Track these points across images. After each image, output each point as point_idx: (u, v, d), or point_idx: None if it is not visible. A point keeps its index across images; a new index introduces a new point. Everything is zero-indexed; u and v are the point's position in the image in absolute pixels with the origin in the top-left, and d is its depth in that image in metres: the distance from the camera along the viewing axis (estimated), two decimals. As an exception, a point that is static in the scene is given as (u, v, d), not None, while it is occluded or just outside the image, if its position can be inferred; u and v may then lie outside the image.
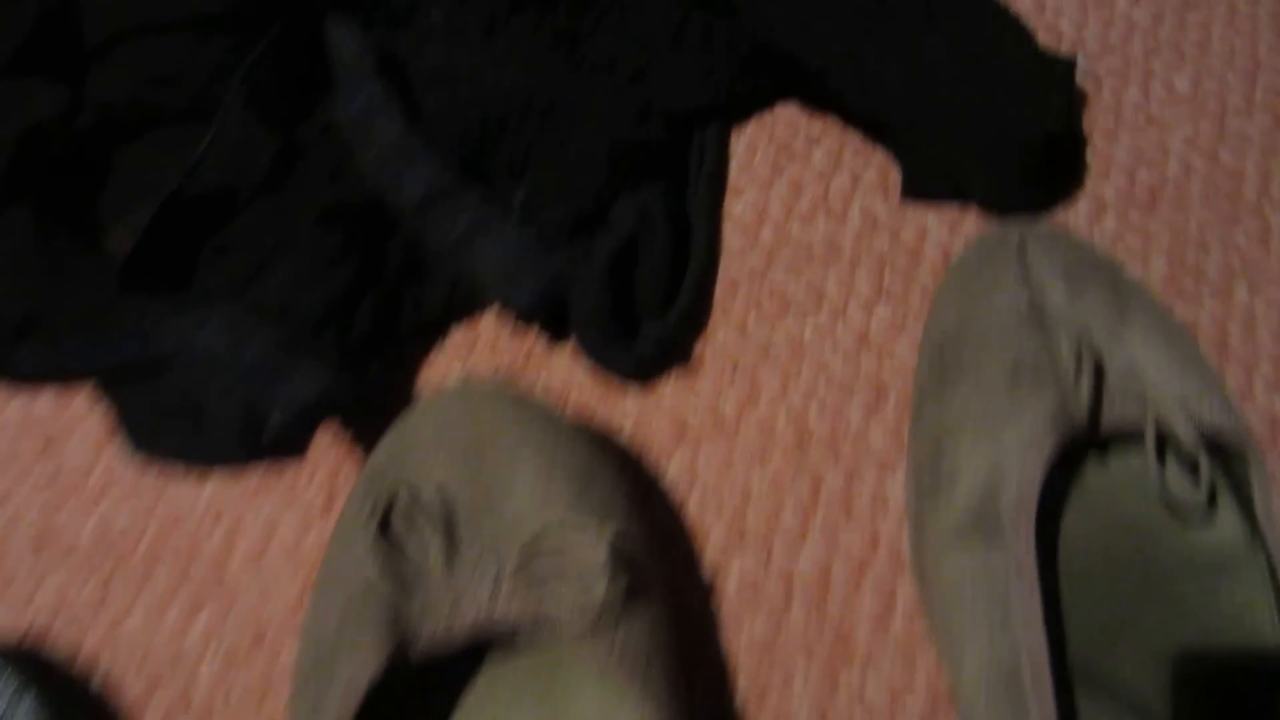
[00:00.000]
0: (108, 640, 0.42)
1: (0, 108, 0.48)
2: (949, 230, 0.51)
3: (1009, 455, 0.38)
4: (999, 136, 0.48)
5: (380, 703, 0.33)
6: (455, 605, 0.35)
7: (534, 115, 0.46)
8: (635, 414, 0.46)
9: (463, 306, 0.47)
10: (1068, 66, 0.51)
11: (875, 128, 0.52)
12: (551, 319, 0.47)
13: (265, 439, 0.42)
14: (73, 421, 0.47)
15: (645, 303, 0.46)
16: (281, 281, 0.43)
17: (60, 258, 0.47)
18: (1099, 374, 0.39)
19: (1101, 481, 0.41)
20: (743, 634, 0.41)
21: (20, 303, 0.45)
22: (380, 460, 0.39)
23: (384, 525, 0.36)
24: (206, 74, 0.48)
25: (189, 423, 0.44)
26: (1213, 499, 0.40)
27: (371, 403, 0.46)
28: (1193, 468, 0.38)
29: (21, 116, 0.47)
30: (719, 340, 0.48)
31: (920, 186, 0.50)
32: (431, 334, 0.48)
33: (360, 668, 0.33)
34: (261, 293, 0.43)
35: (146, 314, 0.42)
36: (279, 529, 0.44)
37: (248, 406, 0.42)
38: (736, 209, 0.51)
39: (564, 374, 0.47)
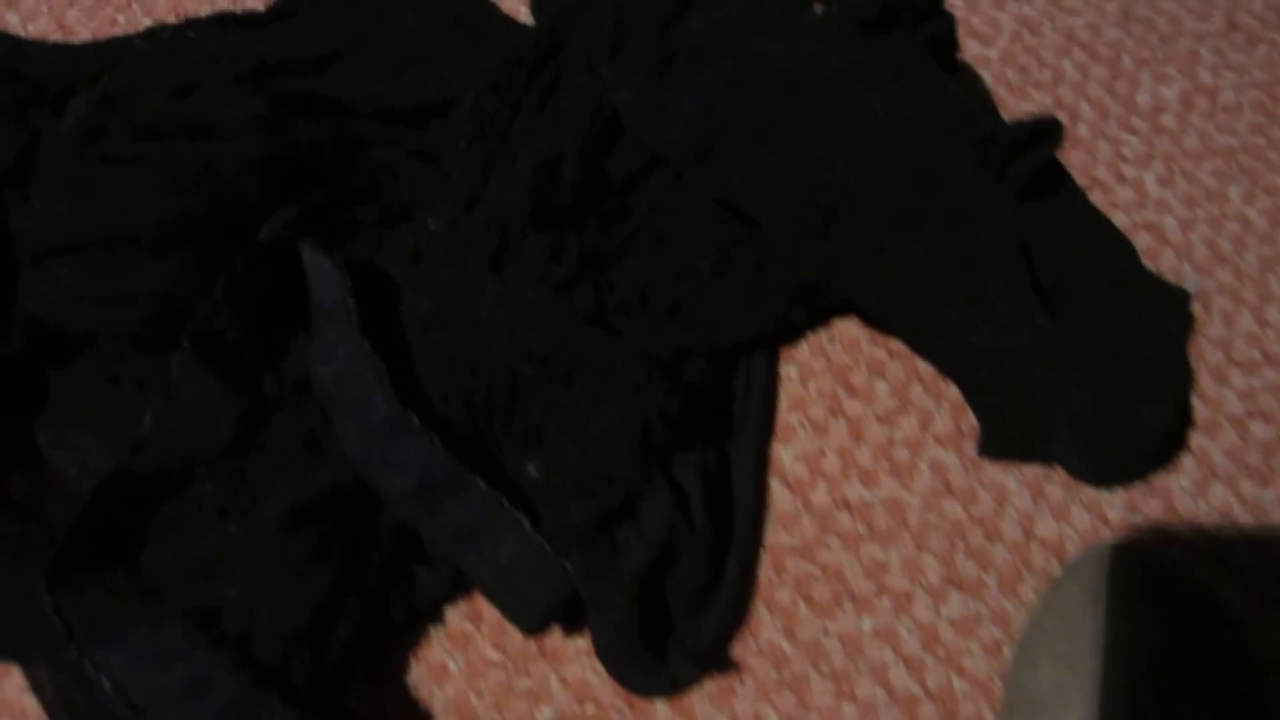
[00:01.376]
0: None
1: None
2: (1031, 498, 0.43)
3: None
4: (1101, 414, 0.40)
5: None
6: None
7: (551, 380, 0.39)
8: (661, 732, 0.39)
9: (464, 589, 0.40)
10: (1181, 308, 0.44)
11: (943, 370, 0.44)
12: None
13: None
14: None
15: (679, 603, 0.39)
16: (244, 596, 0.36)
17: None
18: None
19: None
20: None
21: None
22: None
23: None
24: (160, 294, 0.41)
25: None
26: None
27: (354, 714, 0.39)
28: None
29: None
30: (762, 638, 0.41)
31: (1000, 445, 0.43)
32: (425, 620, 0.40)
33: None
34: (220, 603, 0.36)
35: (75, 640, 0.35)
36: None
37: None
38: (786, 459, 0.44)
39: (579, 671, 0.40)
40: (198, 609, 0.37)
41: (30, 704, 0.40)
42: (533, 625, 0.38)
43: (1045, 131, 0.44)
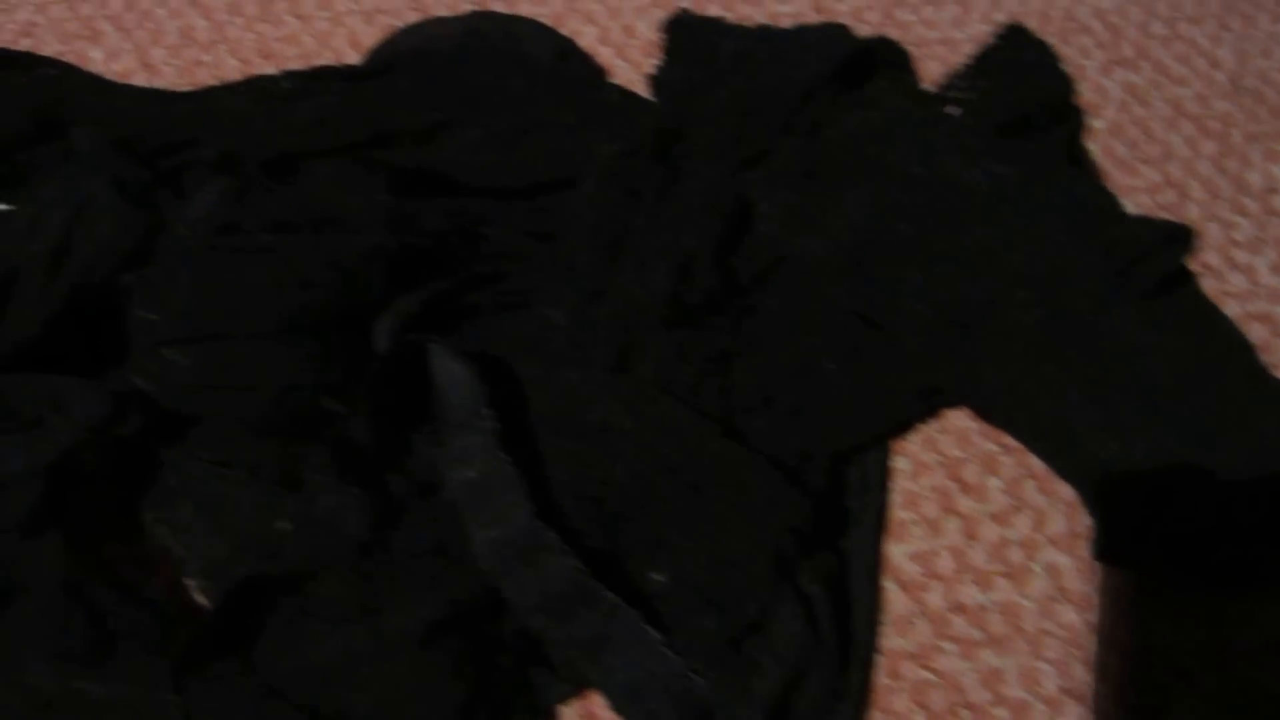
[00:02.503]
0: None
1: (27, 418, 0.39)
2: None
3: None
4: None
5: None
6: None
7: (681, 489, 0.38)
8: (779, 842, 0.39)
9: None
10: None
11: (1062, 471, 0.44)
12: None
13: None
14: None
15: (803, 714, 0.39)
16: (377, 706, 0.36)
17: (98, 614, 0.39)
18: None
19: None
20: None
21: (49, 682, 0.38)
22: None
23: None
24: (281, 385, 0.40)
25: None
26: None
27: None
28: None
29: (55, 438, 0.39)
30: (879, 746, 0.41)
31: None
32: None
33: None
34: (348, 711, 0.36)
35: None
36: None
37: None
38: (899, 558, 0.44)
39: (695, 776, 0.40)
40: (323, 715, 0.37)
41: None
42: (662, 741, 0.38)
43: (1174, 237, 0.43)
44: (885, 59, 0.45)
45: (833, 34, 0.44)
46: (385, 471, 0.39)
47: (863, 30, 0.55)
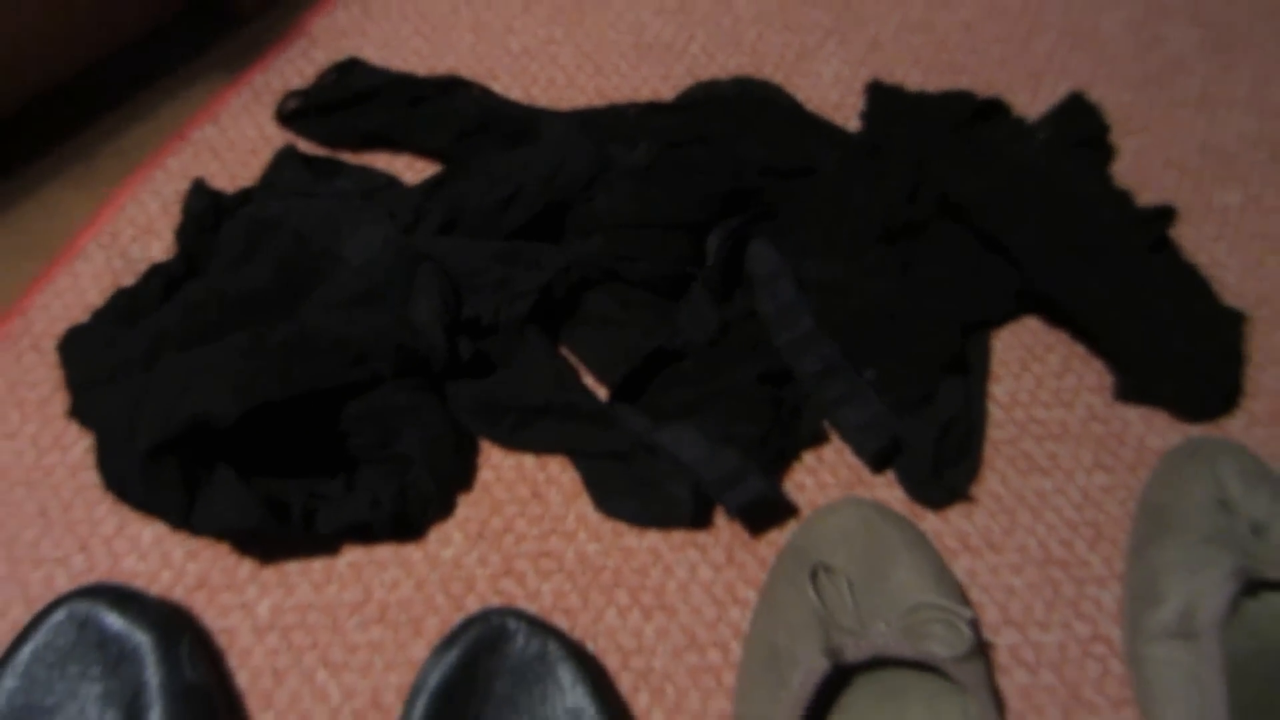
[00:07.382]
0: (590, 632, 0.64)
1: (523, 264, 0.72)
2: (1145, 425, 0.74)
3: (1207, 586, 0.60)
4: (1192, 374, 0.71)
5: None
6: (861, 638, 0.57)
7: (884, 320, 0.70)
8: (931, 531, 0.68)
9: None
10: (1239, 318, 0.75)
11: (1099, 347, 0.75)
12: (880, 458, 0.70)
13: (734, 511, 0.65)
14: (551, 478, 0.70)
15: (947, 456, 0.69)
16: (724, 424, 0.66)
17: (562, 372, 0.71)
18: (1265, 542, 0.61)
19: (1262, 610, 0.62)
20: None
21: (540, 395, 0.69)
22: (799, 542, 0.63)
23: (813, 579, 0.59)
24: (672, 258, 0.72)
25: (645, 495, 0.67)
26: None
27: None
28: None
29: (541, 274, 0.71)
30: (987, 485, 0.71)
31: (1128, 393, 0.73)
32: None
33: (810, 672, 0.56)
34: (712, 419, 0.67)
35: (638, 427, 0.66)
36: (698, 569, 0.67)
37: (696, 493, 0.65)
38: (998, 391, 0.75)
39: (885, 493, 0.70)
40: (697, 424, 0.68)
41: (562, 506, 0.69)
42: (873, 458, 0.68)
43: (1165, 213, 0.76)
44: (995, 108, 0.80)
45: (966, 95, 0.79)
46: (722, 301, 0.71)
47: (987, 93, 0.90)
